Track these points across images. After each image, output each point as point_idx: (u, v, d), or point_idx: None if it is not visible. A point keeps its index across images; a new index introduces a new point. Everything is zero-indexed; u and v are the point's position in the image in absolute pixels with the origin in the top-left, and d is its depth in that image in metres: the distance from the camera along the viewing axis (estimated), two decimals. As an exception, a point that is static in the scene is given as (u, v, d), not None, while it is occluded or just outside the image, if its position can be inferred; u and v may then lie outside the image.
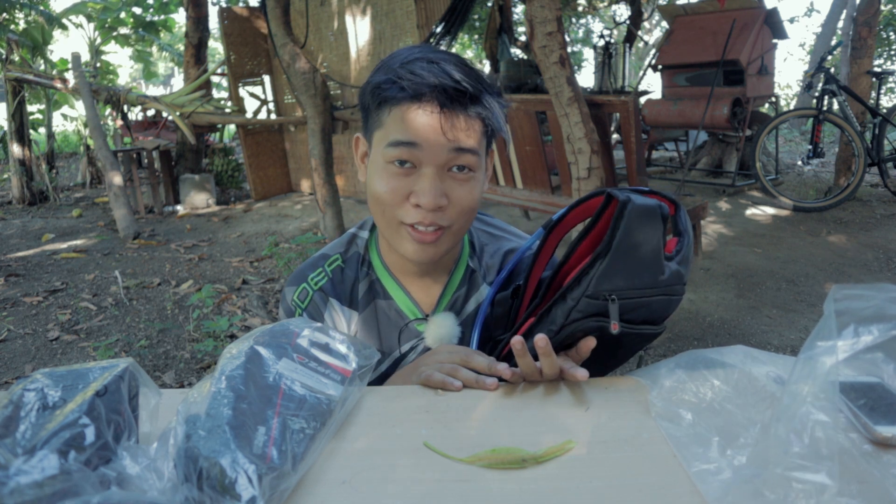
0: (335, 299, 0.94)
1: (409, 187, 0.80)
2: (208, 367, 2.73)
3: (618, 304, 0.70)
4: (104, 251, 4.67)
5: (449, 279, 0.95)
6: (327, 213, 3.95)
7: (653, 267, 0.71)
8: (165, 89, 24.16)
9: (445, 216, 0.81)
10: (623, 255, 0.70)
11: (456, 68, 0.79)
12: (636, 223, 0.69)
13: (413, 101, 0.78)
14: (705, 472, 0.55)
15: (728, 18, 5.20)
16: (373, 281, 0.95)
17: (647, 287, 0.71)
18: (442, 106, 0.77)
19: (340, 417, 0.66)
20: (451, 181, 0.81)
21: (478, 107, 0.80)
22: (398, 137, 0.78)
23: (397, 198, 0.80)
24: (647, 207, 0.70)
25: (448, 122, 0.78)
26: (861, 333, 0.52)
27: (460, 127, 0.78)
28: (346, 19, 5.73)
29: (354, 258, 0.96)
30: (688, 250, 0.76)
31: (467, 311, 0.95)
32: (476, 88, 0.79)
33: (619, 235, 0.69)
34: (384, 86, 0.79)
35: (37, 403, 0.54)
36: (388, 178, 0.80)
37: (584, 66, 15.03)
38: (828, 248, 3.90)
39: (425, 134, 0.77)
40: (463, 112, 0.79)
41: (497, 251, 0.99)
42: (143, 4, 8.80)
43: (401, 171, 0.80)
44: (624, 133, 3.09)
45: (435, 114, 0.77)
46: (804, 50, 16.29)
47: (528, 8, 2.92)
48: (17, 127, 6.43)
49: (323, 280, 0.94)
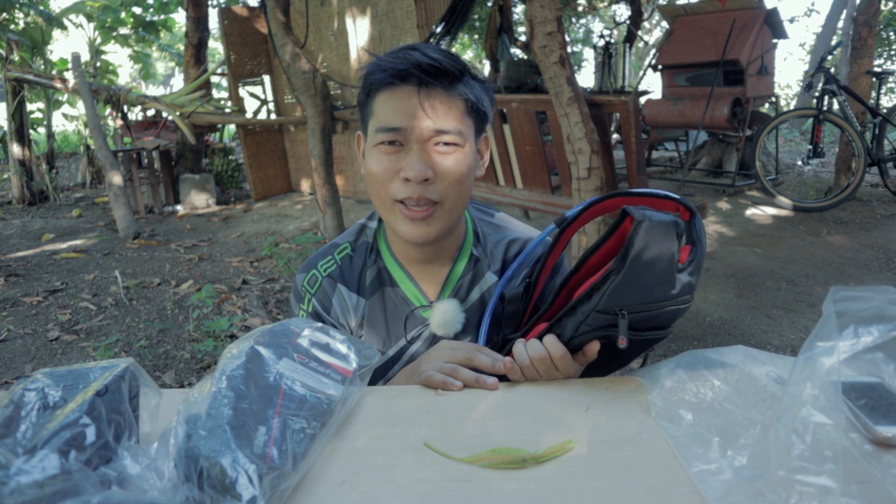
0: (343, 285, 0.96)
1: (399, 163, 0.84)
2: (208, 367, 2.73)
3: (627, 320, 0.71)
4: (104, 251, 4.67)
5: (453, 266, 0.96)
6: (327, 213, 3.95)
7: (665, 283, 0.71)
8: (165, 89, 24.16)
9: (434, 189, 0.84)
10: (636, 272, 0.70)
11: (434, 51, 0.83)
12: (651, 242, 0.69)
13: (394, 84, 0.83)
14: (705, 473, 0.55)
15: (728, 18, 5.19)
16: (380, 269, 0.97)
17: (657, 301, 0.72)
18: (420, 84, 0.82)
19: (341, 417, 0.66)
20: (437, 155, 0.84)
21: (458, 85, 0.84)
22: (384, 121, 0.83)
23: (388, 174, 0.85)
24: (662, 224, 0.69)
25: (427, 100, 0.82)
26: (861, 334, 0.52)
27: (440, 105, 0.83)
28: (346, 19, 5.72)
29: (363, 247, 0.99)
30: (700, 258, 0.76)
31: (472, 298, 0.97)
32: (455, 67, 0.83)
33: (633, 253, 0.69)
34: (369, 74, 0.85)
35: (37, 403, 0.54)
36: (379, 157, 0.85)
37: (584, 66, 15.03)
38: (828, 248, 3.90)
39: (407, 114, 0.82)
40: (442, 90, 0.83)
41: (500, 241, 1.00)
42: (143, 4, 8.80)
43: (390, 150, 0.84)
44: (624, 133, 3.09)
45: (414, 92, 0.82)
46: (804, 50, 16.30)
47: (528, 8, 2.92)
48: (17, 127, 6.42)
49: (332, 267, 0.97)
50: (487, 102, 0.89)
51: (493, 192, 4.17)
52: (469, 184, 0.88)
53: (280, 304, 3.44)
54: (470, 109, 0.86)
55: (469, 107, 0.86)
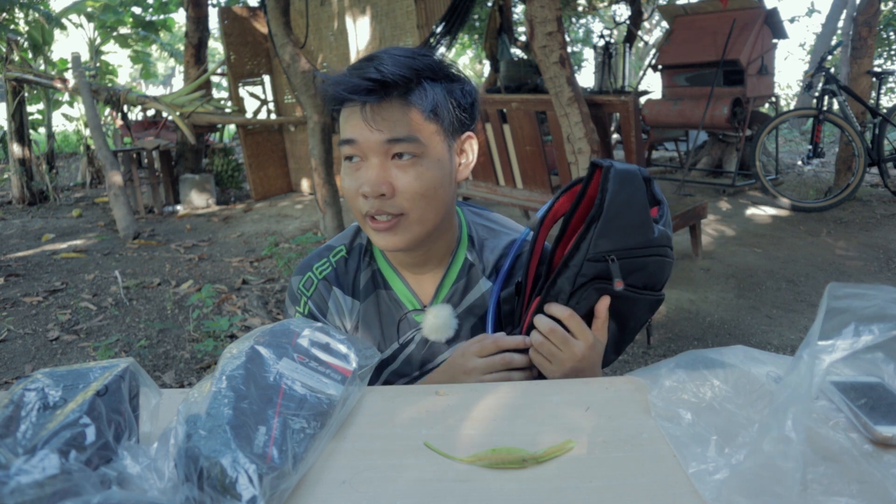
0: (338, 288, 0.97)
1: (360, 179, 0.83)
2: (208, 367, 2.73)
3: (618, 264, 0.76)
4: (104, 251, 4.67)
5: (446, 272, 0.96)
6: (327, 213, 3.95)
7: (643, 226, 0.77)
8: (165, 89, 24.16)
9: (394, 204, 0.83)
10: (615, 214, 0.76)
11: (389, 59, 0.80)
12: (622, 185, 0.76)
13: (347, 102, 0.82)
14: (703, 472, 0.55)
15: (728, 18, 5.19)
16: (374, 271, 0.97)
17: (641, 247, 0.77)
18: (365, 101, 0.80)
19: (341, 417, 0.66)
20: (395, 169, 0.82)
21: (410, 95, 0.81)
22: (342, 137, 0.84)
23: (352, 190, 0.84)
24: (628, 170, 0.77)
25: (374, 115, 0.80)
26: (861, 333, 0.52)
27: (389, 117, 0.80)
28: (346, 19, 5.72)
29: (358, 249, 0.98)
30: (668, 215, 0.84)
31: (465, 303, 0.96)
32: (404, 77, 0.80)
33: (608, 197, 0.76)
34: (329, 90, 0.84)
35: (37, 403, 0.54)
36: (345, 175, 0.86)
37: (584, 66, 15.03)
38: (828, 248, 3.90)
39: (357, 130, 0.81)
40: (390, 102, 0.81)
41: (496, 245, 0.99)
42: (143, 4, 8.79)
43: (352, 166, 0.84)
44: (624, 133, 3.09)
45: (358, 110, 0.81)
46: (804, 50, 16.30)
47: (528, 8, 2.92)
48: (17, 127, 6.42)
49: (327, 269, 0.97)
50: (456, 104, 0.85)
51: (493, 192, 4.17)
52: (441, 192, 0.84)
53: (280, 304, 3.44)
54: (432, 114, 0.82)
55: (431, 112, 0.82)
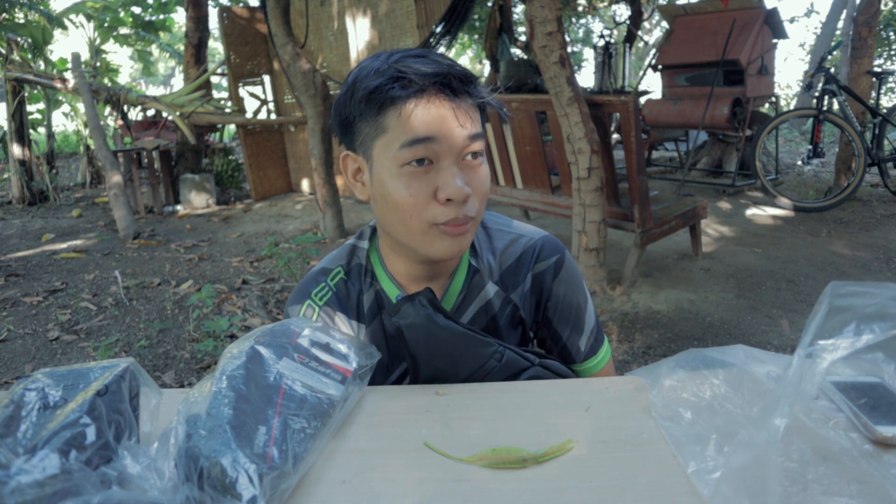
0: (342, 313, 0.90)
1: (432, 185, 0.75)
2: (208, 367, 2.73)
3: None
4: (104, 251, 4.67)
5: (450, 282, 0.91)
6: (327, 213, 3.95)
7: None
8: (165, 89, 24.16)
9: (471, 206, 0.78)
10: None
11: (443, 58, 0.78)
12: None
13: (420, 96, 0.74)
14: (702, 471, 0.55)
15: (728, 18, 5.19)
16: (377, 292, 0.91)
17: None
18: (454, 94, 0.75)
19: (341, 417, 0.66)
20: (468, 170, 0.78)
21: (477, 90, 0.79)
22: (412, 136, 0.74)
23: (422, 199, 0.75)
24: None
25: (461, 110, 0.76)
26: (862, 331, 0.52)
27: (468, 113, 0.77)
28: (346, 19, 5.72)
29: (357, 270, 0.92)
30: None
31: (472, 311, 0.92)
32: (469, 74, 0.78)
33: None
34: (385, 87, 0.74)
35: (38, 403, 0.54)
36: (407, 181, 0.75)
37: (584, 66, 15.03)
38: (828, 248, 3.90)
39: (440, 126, 0.74)
40: (467, 98, 0.77)
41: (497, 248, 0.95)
42: (143, 4, 8.79)
43: (420, 171, 0.75)
44: (624, 133, 3.09)
45: (446, 103, 0.75)
46: (804, 50, 16.29)
47: (528, 8, 2.92)
48: (17, 127, 6.42)
49: (328, 295, 0.90)
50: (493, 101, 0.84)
51: (493, 192, 4.17)
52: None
53: (280, 304, 3.44)
54: (482, 114, 0.81)
55: (482, 111, 0.81)
